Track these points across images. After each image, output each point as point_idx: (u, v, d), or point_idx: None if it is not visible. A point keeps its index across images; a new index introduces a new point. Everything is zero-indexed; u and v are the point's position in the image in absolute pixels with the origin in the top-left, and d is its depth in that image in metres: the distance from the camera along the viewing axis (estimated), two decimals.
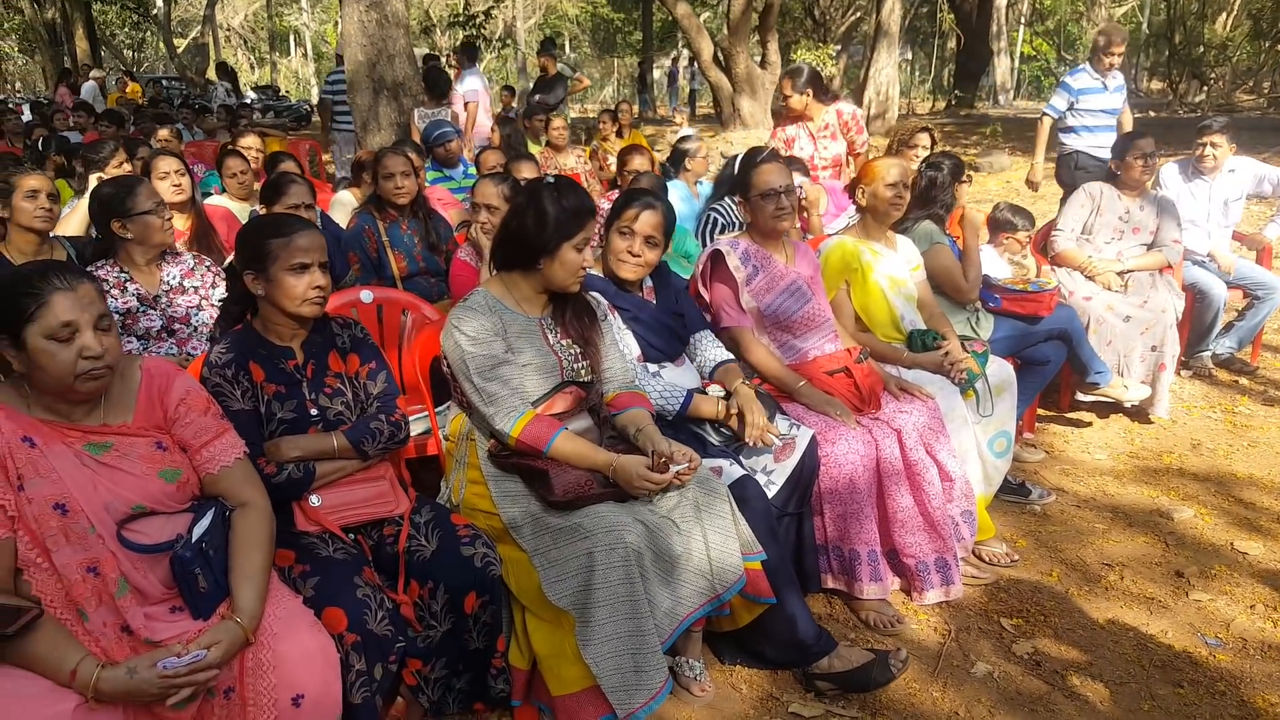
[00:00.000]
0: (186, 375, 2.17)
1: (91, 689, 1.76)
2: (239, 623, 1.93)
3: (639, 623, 2.29)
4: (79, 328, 1.89)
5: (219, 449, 2.12)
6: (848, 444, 2.98)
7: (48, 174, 4.18)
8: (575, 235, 2.52)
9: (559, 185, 2.59)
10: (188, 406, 2.10)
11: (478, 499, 2.59)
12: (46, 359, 1.87)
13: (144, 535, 1.98)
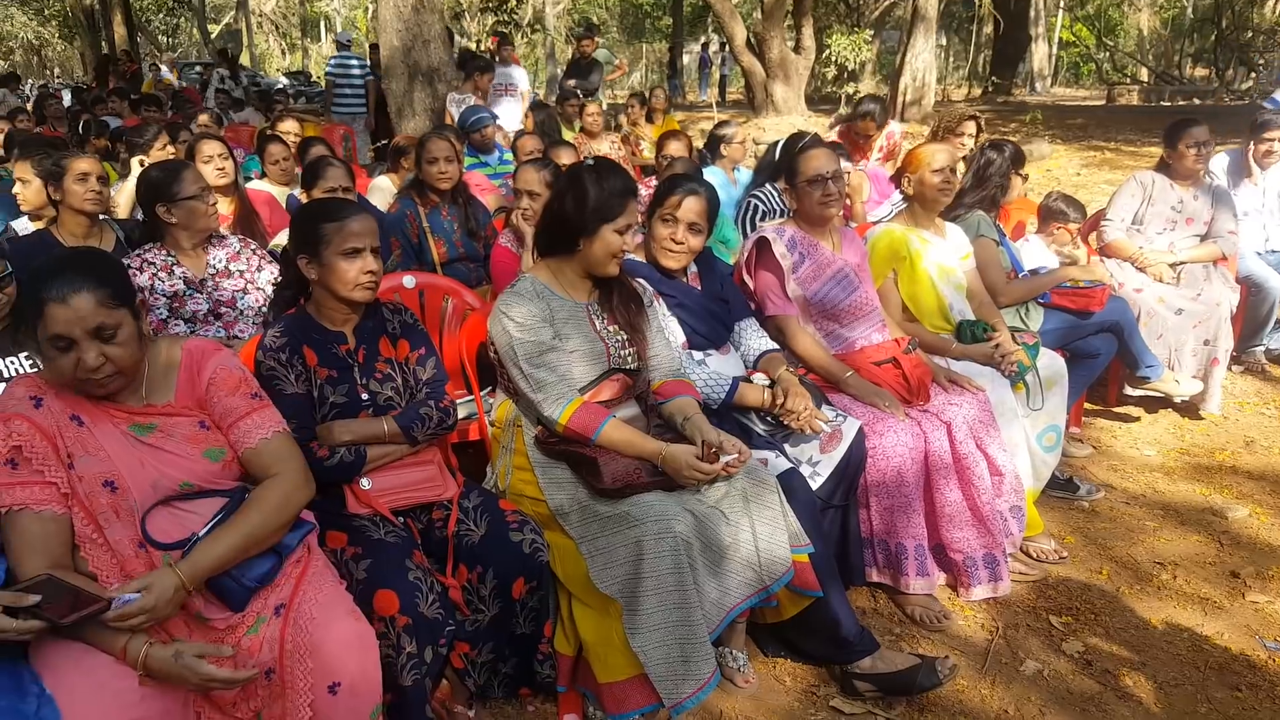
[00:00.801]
0: (223, 354, 2.14)
1: (140, 664, 1.76)
2: (175, 569, 1.84)
3: (687, 612, 2.27)
4: (76, 340, 1.84)
5: (249, 426, 2.08)
6: (896, 436, 2.93)
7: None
8: (615, 217, 2.49)
9: (599, 167, 2.57)
10: (216, 385, 2.08)
11: (524, 485, 2.58)
12: (54, 368, 1.88)
13: (177, 524, 1.96)
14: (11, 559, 1.85)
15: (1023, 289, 3.96)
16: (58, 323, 1.81)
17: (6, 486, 1.85)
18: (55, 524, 1.86)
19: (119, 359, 1.89)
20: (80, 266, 1.88)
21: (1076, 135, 13.39)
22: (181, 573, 1.85)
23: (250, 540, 1.96)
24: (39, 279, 1.85)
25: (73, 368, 1.85)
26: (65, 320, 1.81)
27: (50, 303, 1.81)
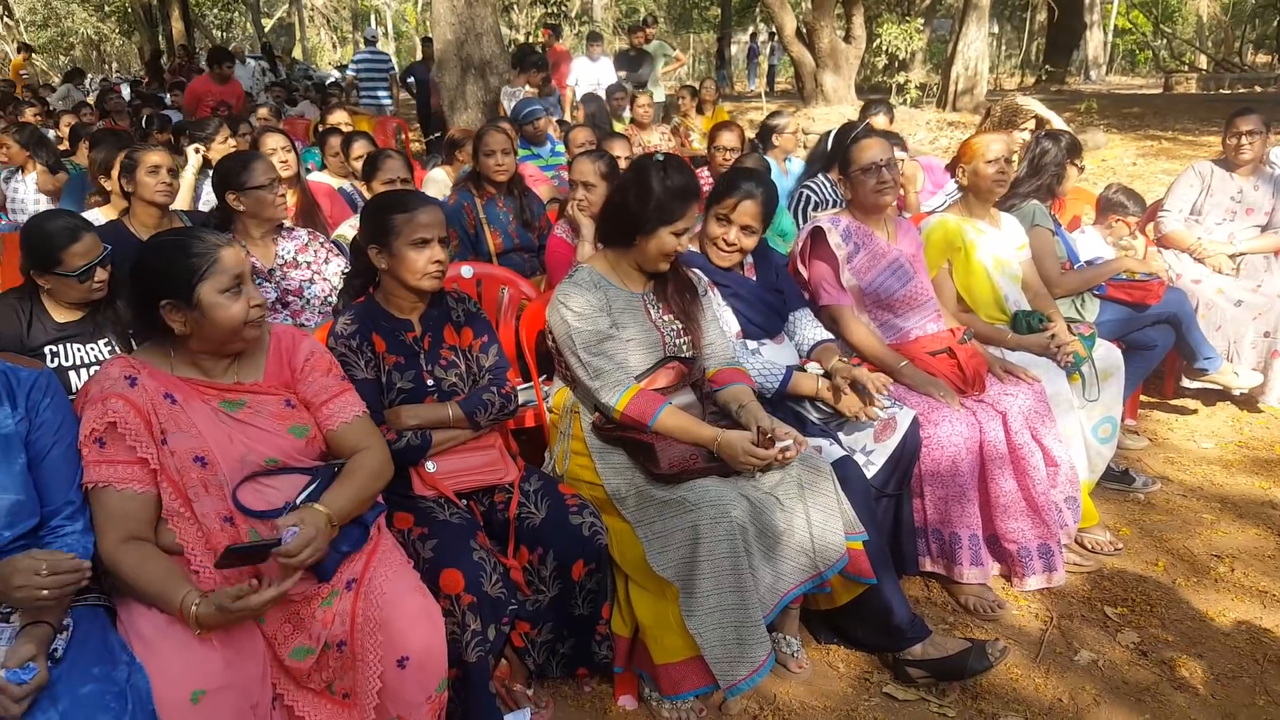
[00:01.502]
0: (312, 338, 2.28)
1: (195, 621, 1.84)
2: (318, 507, 1.98)
3: (743, 596, 2.31)
4: (244, 279, 2.03)
5: (339, 406, 2.20)
6: (951, 426, 2.94)
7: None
8: (675, 220, 2.52)
9: (667, 164, 2.58)
10: (311, 366, 2.21)
11: (581, 470, 2.64)
12: (220, 311, 1.99)
13: (260, 499, 2.05)
14: (95, 530, 1.95)
15: (1078, 280, 3.93)
16: (233, 264, 2.01)
17: (93, 464, 1.96)
18: (135, 502, 1.96)
19: (257, 301, 2.08)
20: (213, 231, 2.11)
21: (1133, 125, 13.13)
22: (330, 507, 1.99)
23: (360, 497, 2.10)
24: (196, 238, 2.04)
25: (245, 309, 2.02)
26: (236, 261, 2.03)
27: (223, 248, 2.01)
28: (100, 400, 1.96)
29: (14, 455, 1.89)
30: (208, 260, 1.98)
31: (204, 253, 1.98)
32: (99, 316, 2.81)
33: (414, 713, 2.04)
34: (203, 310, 1.98)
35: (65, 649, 1.79)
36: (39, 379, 1.98)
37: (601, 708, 2.60)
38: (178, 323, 2.00)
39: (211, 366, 2.09)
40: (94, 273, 2.70)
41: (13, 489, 1.87)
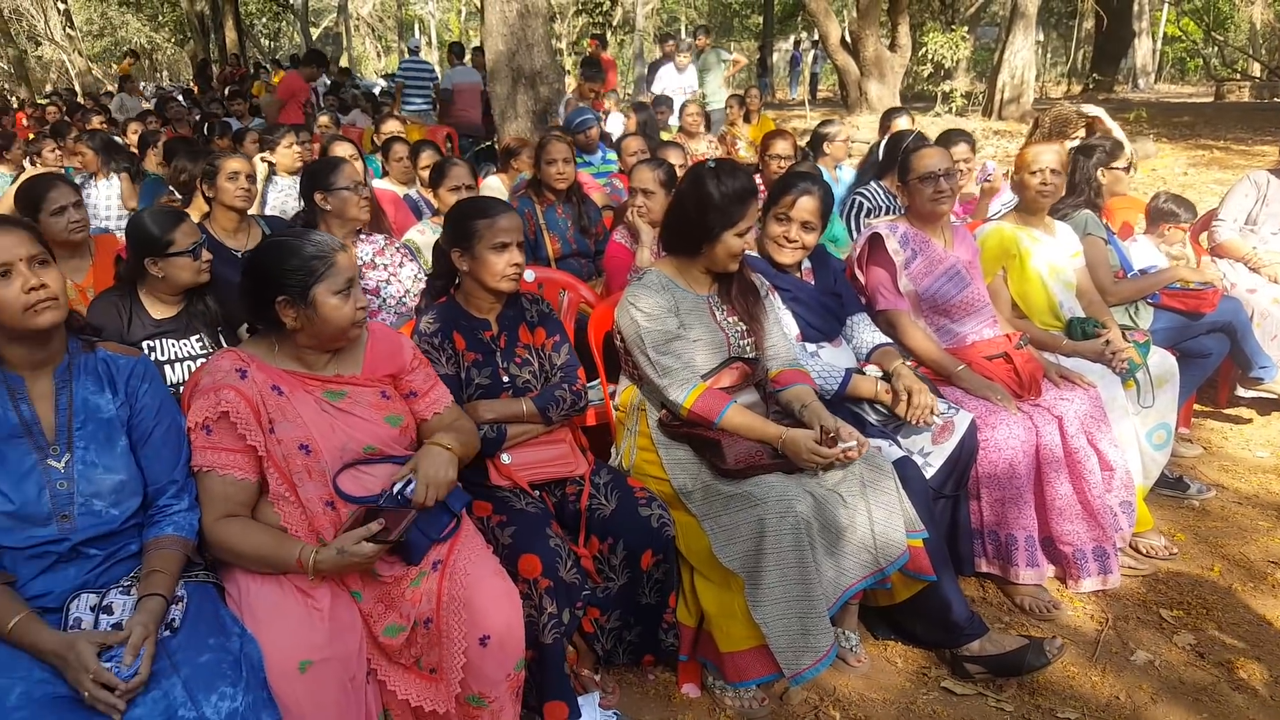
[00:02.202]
0: (407, 336, 2.43)
1: (313, 568, 2.00)
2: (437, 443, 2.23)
3: (807, 588, 2.39)
4: (354, 283, 2.18)
5: (437, 394, 2.40)
6: (1009, 429, 3.00)
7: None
8: (737, 222, 2.61)
9: (720, 169, 2.68)
10: (419, 360, 2.39)
11: (648, 465, 2.73)
12: (332, 311, 2.14)
13: (358, 485, 2.18)
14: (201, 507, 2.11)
15: (1131, 289, 3.96)
16: (346, 268, 2.17)
17: (199, 449, 2.11)
18: (235, 487, 2.10)
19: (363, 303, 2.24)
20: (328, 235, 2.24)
21: (1183, 134, 12.99)
22: (442, 443, 2.22)
23: (464, 441, 2.33)
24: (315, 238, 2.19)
25: (354, 310, 2.17)
26: (348, 265, 2.18)
27: (339, 253, 2.17)
28: (213, 390, 2.10)
29: (116, 438, 2.04)
30: (325, 264, 2.12)
31: (322, 255, 2.12)
32: (192, 311, 2.97)
33: (494, 689, 2.16)
34: (316, 309, 2.12)
35: (181, 620, 1.92)
36: (136, 366, 2.13)
37: (665, 695, 2.69)
38: (289, 318, 2.13)
39: (314, 360, 2.23)
40: (200, 252, 2.87)
41: (117, 469, 2.01)
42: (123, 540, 2.01)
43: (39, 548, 1.91)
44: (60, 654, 1.76)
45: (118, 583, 1.97)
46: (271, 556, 2.04)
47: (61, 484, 1.94)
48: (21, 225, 1.93)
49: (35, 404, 1.97)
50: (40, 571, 1.92)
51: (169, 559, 1.98)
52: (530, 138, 7.12)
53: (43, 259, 1.92)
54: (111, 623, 1.88)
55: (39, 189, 3.38)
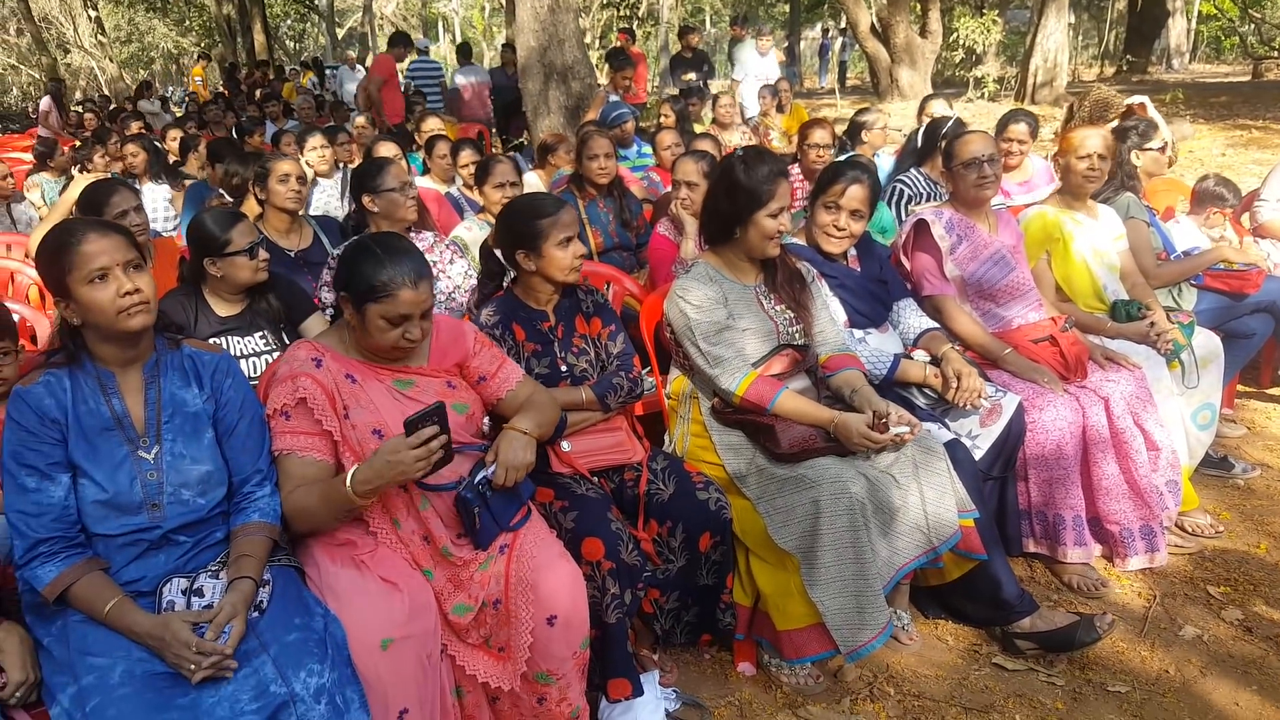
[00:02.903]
0: (469, 323, 2.52)
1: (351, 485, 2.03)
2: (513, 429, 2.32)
3: (863, 566, 2.45)
4: (413, 319, 2.22)
5: (508, 371, 2.47)
6: (1056, 411, 3.04)
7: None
8: (767, 202, 2.67)
9: (747, 156, 2.75)
10: (481, 344, 2.47)
11: (701, 451, 2.81)
12: (377, 334, 2.21)
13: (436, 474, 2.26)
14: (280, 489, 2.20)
15: (1174, 271, 3.97)
16: (407, 304, 2.17)
17: (280, 434, 2.21)
18: (314, 467, 2.20)
19: (427, 331, 2.30)
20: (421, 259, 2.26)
21: (1220, 114, 12.82)
22: (520, 427, 2.31)
23: (543, 417, 2.41)
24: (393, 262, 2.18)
25: (399, 338, 2.22)
26: (413, 302, 2.18)
27: (405, 287, 2.17)
28: (290, 378, 2.20)
29: (203, 430, 2.14)
30: (385, 291, 2.16)
31: (386, 282, 2.16)
32: (255, 309, 3.07)
33: (561, 666, 2.24)
34: (366, 323, 2.20)
35: (268, 601, 2.02)
36: (220, 362, 2.23)
37: (722, 673, 2.77)
38: (349, 316, 2.23)
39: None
40: (257, 252, 2.97)
41: (204, 460, 2.11)
42: (209, 527, 2.12)
43: (131, 535, 2.02)
44: (156, 634, 1.86)
45: (206, 567, 2.07)
46: (327, 500, 2.11)
47: (151, 474, 2.04)
48: (119, 230, 2.03)
49: (126, 398, 2.07)
50: (133, 558, 2.03)
51: (256, 544, 2.08)
52: (566, 133, 7.20)
53: (137, 264, 2.02)
54: (203, 604, 1.98)
55: (101, 194, 3.49)
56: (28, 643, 1.93)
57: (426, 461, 2.03)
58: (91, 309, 1.97)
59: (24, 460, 1.95)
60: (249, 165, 4.49)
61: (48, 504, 1.95)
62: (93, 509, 1.99)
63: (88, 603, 1.92)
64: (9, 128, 18.96)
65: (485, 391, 2.44)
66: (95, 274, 1.95)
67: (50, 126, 13.15)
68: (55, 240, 1.99)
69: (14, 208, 5.74)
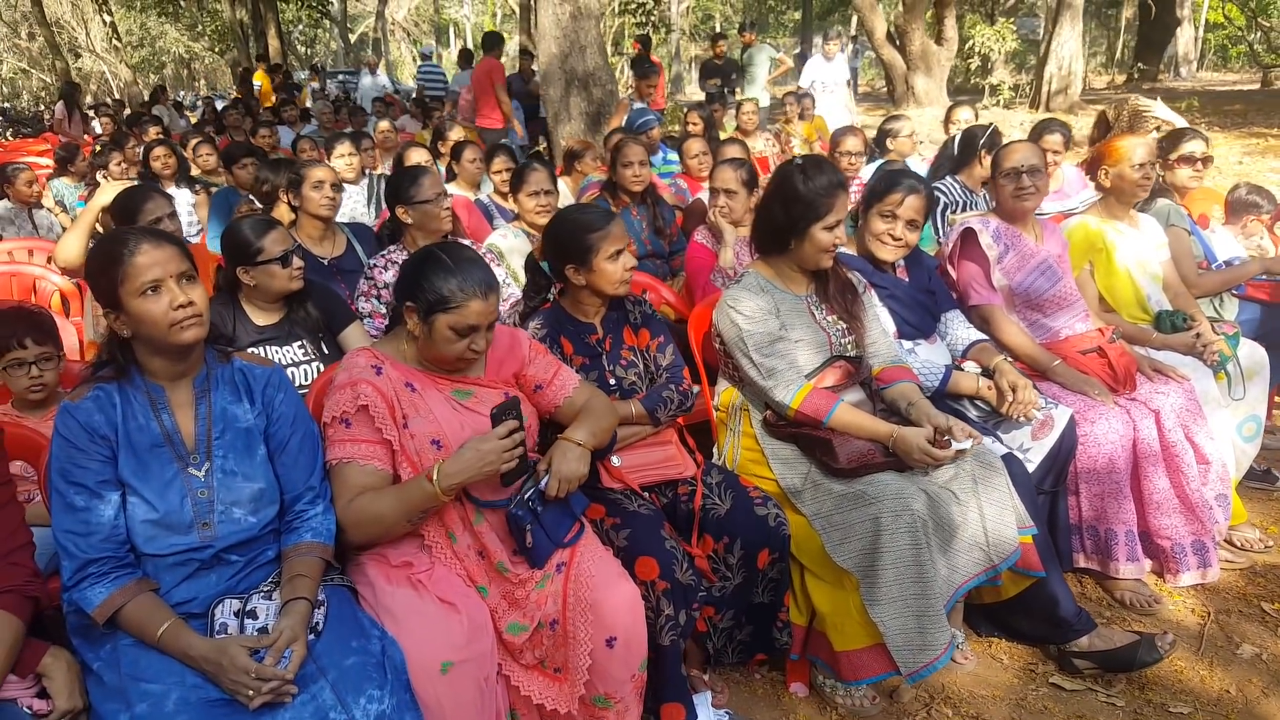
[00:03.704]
0: (524, 331, 2.49)
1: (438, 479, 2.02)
2: (567, 439, 2.28)
3: (924, 585, 2.39)
4: (479, 328, 2.17)
5: (564, 378, 2.43)
6: (1108, 423, 2.98)
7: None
8: (824, 215, 2.61)
9: (806, 166, 2.69)
10: (535, 351, 2.43)
11: (752, 465, 2.75)
12: (443, 344, 2.16)
13: (486, 487, 2.20)
14: (334, 499, 2.15)
15: (1216, 281, 3.91)
16: (476, 315, 2.13)
17: (339, 442, 2.15)
18: (374, 477, 2.14)
19: (490, 342, 2.25)
20: (484, 266, 2.21)
21: (1235, 122, 12.77)
22: (574, 439, 2.28)
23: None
24: (463, 273, 2.14)
25: (463, 350, 2.17)
26: (482, 313, 2.14)
27: (475, 298, 2.12)
28: (350, 385, 2.15)
29: (255, 447, 2.08)
30: (454, 302, 2.11)
31: (455, 293, 2.11)
32: (293, 318, 3.02)
33: (619, 689, 2.19)
34: (433, 334, 2.15)
35: (323, 623, 1.96)
36: (272, 376, 2.17)
37: (774, 694, 2.71)
38: (414, 326, 2.18)
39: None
40: (291, 260, 2.92)
41: (256, 477, 2.06)
42: (261, 546, 2.06)
43: (182, 555, 1.96)
44: (212, 659, 1.80)
45: (258, 588, 2.02)
46: (403, 502, 2.07)
47: (202, 492, 1.99)
48: (172, 240, 1.98)
49: (175, 414, 2.02)
50: (183, 578, 1.97)
51: (310, 564, 2.02)
52: (591, 139, 7.16)
53: (189, 275, 1.97)
54: (257, 627, 1.93)
55: (135, 200, 3.45)
56: (75, 669, 1.88)
57: (511, 454, 2.02)
58: (144, 321, 1.92)
59: (73, 478, 1.90)
60: (280, 171, 4.45)
61: (97, 523, 1.90)
62: (142, 528, 1.94)
63: (139, 625, 1.86)
64: (20, 132, 18.96)
65: (542, 400, 2.39)
66: (148, 286, 1.90)
67: (65, 131, 13.14)
68: (106, 250, 1.94)
69: (35, 213, 5.71)
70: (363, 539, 2.15)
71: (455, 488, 2.04)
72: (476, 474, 2.03)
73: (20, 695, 1.78)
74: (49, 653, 1.85)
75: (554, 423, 2.44)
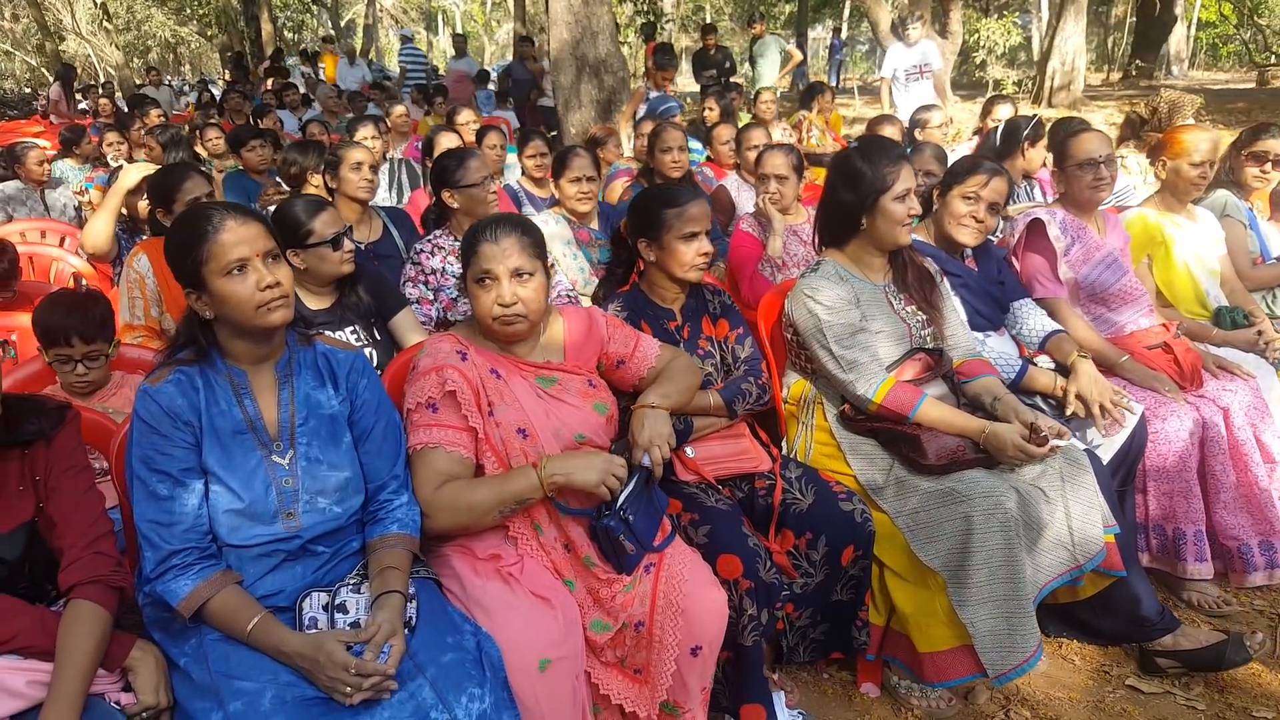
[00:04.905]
0: (595, 307, 2.42)
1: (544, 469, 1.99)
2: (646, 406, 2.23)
3: (1016, 586, 2.32)
4: (498, 277, 2.10)
5: (645, 348, 2.37)
6: (1179, 421, 2.92)
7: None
8: (891, 184, 2.54)
9: (863, 145, 2.64)
10: (613, 326, 2.35)
11: (827, 459, 2.67)
12: (474, 301, 2.12)
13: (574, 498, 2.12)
14: (416, 486, 2.06)
15: (1269, 275, 3.85)
16: (487, 259, 2.07)
17: (425, 426, 2.06)
18: (460, 464, 2.06)
19: (528, 301, 2.11)
20: (512, 219, 2.15)
21: (1240, 120, 12.78)
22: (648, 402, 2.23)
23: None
24: (478, 228, 2.11)
25: (492, 303, 2.08)
26: (493, 257, 2.07)
27: (484, 241, 2.08)
28: (435, 370, 2.06)
29: (340, 434, 1.99)
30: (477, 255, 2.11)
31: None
32: (345, 302, 2.93)
33: (690, 700, 2.14)
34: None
35: (416, 618, 1.87)
36: (355, 361, 2.07)
37: (845, 695, 2.64)
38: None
39: (515, 347, 2.20)
40: (342, 242, 2.82)
41: (342, 466, 1.96)
42: (346, 537, 1.97)
43: (267, 546, 1.87)
44: (308, 654, 1.71)
45: (343, 580, 1.92)
46: (508, 486, 2.01)
47: (287, 481, 1.90)
48: (258, 217, 1.88)
49: (258, 399, 1.93)
50: (268, 570, 1.88)
51: (399, 557, 1.93)
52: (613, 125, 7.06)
53: (276, 254, 1.87)
54: (349, 621, 1.83)
55: (172, 180, 3.32)
56: (163, 664, 1.78)
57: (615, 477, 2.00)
58: (229, 302, 1.82)
59: (156, 465, 1.80)
60: (309, 153, 4.33)
61: (181, 512, 1.80)
62: (226, 518, 1.84)
63: (227, 620, 1.77)
64: (7, 114, 18.64)
65: (626, 374, 2.33)
66: (234, 265, 1.80)
67: (61, 113, 12.90)
68: (189, 227, 1.84)
69: (48, 194, 5.55)
70: (445, 527, 2.06)
71: (557, 486, 1.97)
72: (577, 480, 1.97)
73: (107, 690, 1.69)
74: (136, 646, 1.75)
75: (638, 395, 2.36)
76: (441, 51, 46.21)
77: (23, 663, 1.64)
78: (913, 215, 2.58)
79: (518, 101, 12.04)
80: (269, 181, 5.01)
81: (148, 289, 3.17)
